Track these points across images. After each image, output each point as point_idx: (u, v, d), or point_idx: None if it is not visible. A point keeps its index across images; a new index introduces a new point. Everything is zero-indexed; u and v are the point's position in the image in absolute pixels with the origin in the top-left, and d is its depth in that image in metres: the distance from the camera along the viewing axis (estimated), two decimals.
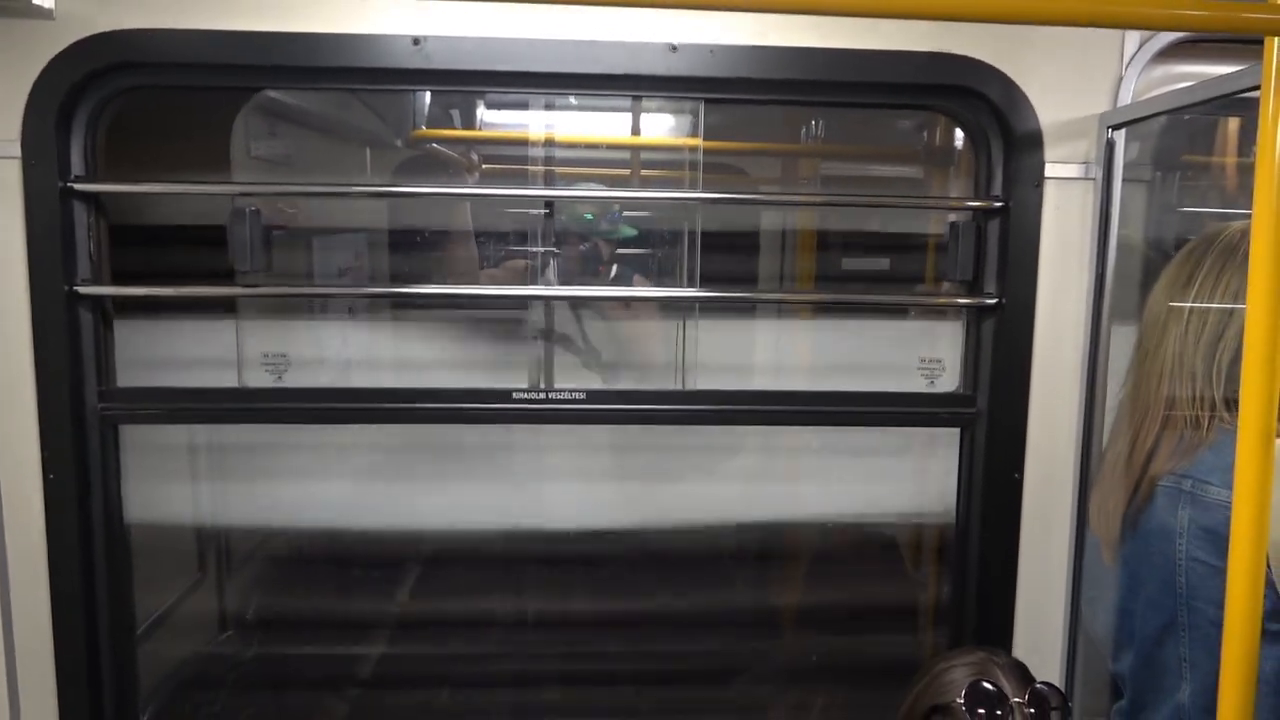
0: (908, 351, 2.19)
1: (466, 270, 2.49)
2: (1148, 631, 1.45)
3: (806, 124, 2.77)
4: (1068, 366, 1.86)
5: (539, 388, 1.92)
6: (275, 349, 2.07)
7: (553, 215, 2.20)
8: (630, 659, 2.73)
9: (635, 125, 2.49)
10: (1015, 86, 1.78)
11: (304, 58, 1.71)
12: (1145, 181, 2.08)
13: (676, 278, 2.28)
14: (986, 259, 1.90)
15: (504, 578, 2.75)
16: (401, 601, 2.73)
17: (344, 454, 2.47)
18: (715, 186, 2.56)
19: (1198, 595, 1.34)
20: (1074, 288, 1.85)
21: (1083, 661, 1.91)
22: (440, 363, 2.44)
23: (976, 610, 1.96)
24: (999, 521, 1.91)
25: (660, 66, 1.75)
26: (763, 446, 2.56)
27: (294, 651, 2.69)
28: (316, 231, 2.48)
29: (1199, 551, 1.34)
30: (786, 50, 1.75)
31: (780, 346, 2.60)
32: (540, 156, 2.35)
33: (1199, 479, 1.35)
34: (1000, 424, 1.89)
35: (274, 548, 2.75)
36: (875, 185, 2.90)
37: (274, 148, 2.44)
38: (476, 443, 2.46)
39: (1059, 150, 1.80)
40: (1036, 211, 1.82)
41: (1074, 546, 1.89)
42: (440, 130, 2.62)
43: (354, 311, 2.52)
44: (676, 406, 1.95)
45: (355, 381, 2.42)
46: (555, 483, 2.55)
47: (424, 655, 2.69)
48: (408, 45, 1.71)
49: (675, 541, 2.62)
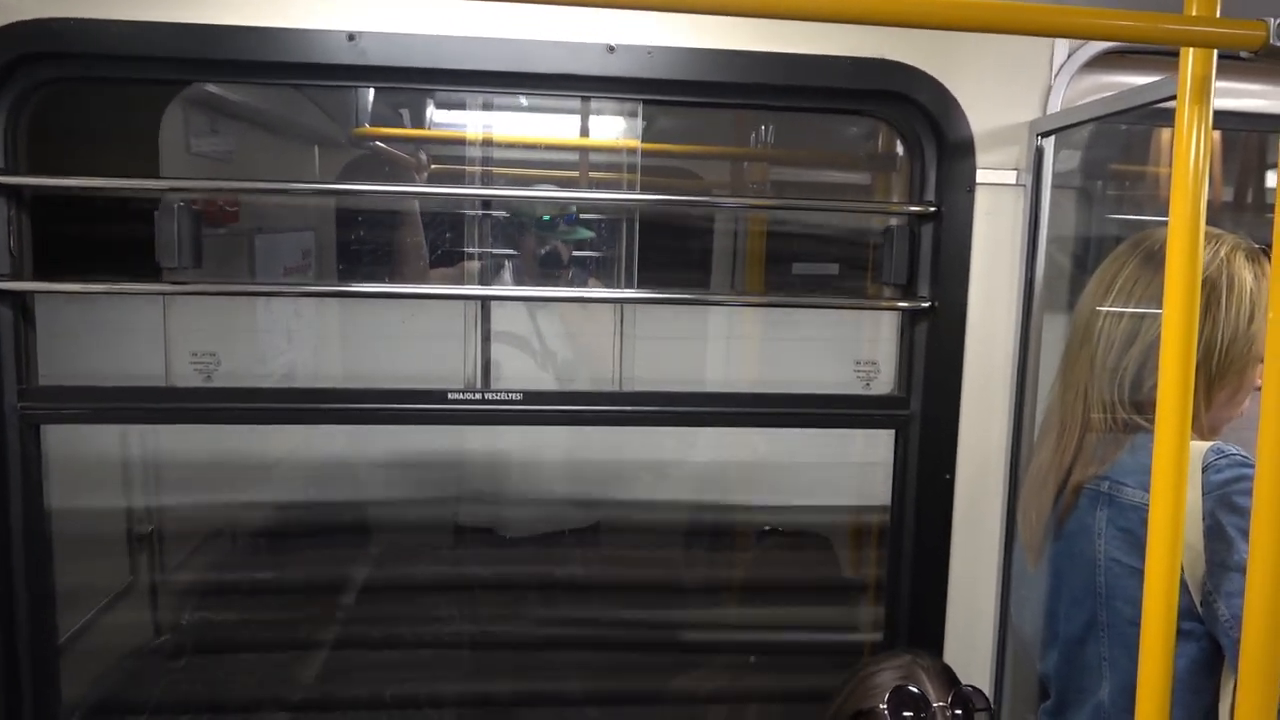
0: (845, 354, 2.21)
1: (415, 270, 2.46)
2: (1070, 632, 1.48)
3: (756, 129, 2.78)
4: (998, 369, 1.90)
5: (475, 388, 1.90)
6: (205, 348, 2.02)
7: (490, 215, 2.18)
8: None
9: (584, 126, 2.49)
10: (948, 93, 1.81)
11: (235, 51, 1.68)
12: (1076, 188, 2.13)
13: (616, 279, 2.28)
14: (920, 263, 1.92)
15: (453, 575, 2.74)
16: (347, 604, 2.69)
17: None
18: (657, 189, 2.56)
19: (1116, 595, 1.37)
20: (1004, 292, 1.88)
21: (1012, 661, 1.94)
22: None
23: (909, 610, 1.98)
24: (931, 522, 1.94)
25: (598, 67, 1.74)
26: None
27: (231, 657, 2.64)
28: (260, 230, 2.44)
29: (1117, 552, 1.37)
30: (724, 53, 1.76)
31: (720, 348, 2.61)
32: (485, 157, 2.34)
33: (1116, 480, 1.38)
34: (932, 426, 1.92)
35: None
36: (823, 190, 2.93)
37: (216, 144, 2.39)
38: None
39: (990, 156, 1.83)
40: (968, 217, 1.85)
41: (1004, 547, 1.93)
42: (382, 129, 2.59)
43: (300, 313, 2.48)
44: (614, 407, 1.95)
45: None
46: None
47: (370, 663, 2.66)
48: (342, 41, 1.68)
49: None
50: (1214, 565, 1.23)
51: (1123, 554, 1.36)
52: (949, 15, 0.88)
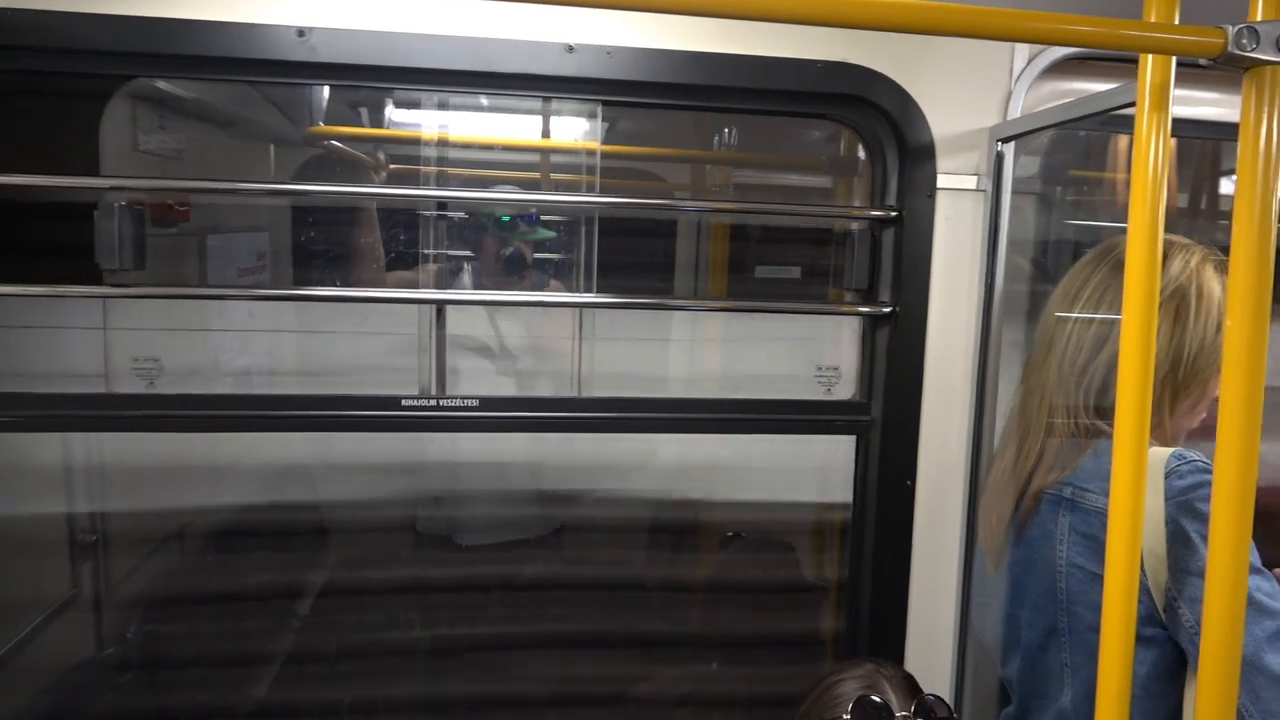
0: (808, 358, 2.20)
1: (372, 272, 2.41)
2: (1032, 637, 1.48)
3: (720, 131, 2.77)
4: (959, 375, 1.89)
5: (429, 394, 1.86)
6: (148, 352, 1.96)
7: (449, 216, 2.14)
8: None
9: (545, 127, 2.45)
10: (909, 98, 1.81)
11: (180, 46, 1.63)
12: (1036, 194, 2.13)
13: (575, 282, 2.25)
14: (881, 268, 1.92)
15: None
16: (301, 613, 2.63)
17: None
18: (619, 191, 2.53)
19: (1077, 601, 1.37)
20: (965, 297, 1.88)
21: (973, 667, 1.94)
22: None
23: (870, 616, 1.97)
24: (892, 528, 1.93)
25: (557, 67, 1.71)
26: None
27: (179, 669, 2.57)
28: (214, 230, 2.37)
29: (1078, 558, 1.36)
30: (685, 54, 1.74)
31: (681, 351, 2.59)
32: (443, 157, 2.30)
33: (1078, 486, 1.37)
34: (894, 431, 1.91)
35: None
36: (786, 193, 2.92)
37: (165, 141, 2.33)
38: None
39: (951, 162, 1.83)
40: (929, 222, 1.85)
41: (964, 553, 1.92)
42: (338, 127, 2.54)
43: (254, 315, 2.42)
44: (572, 414, 1.92)
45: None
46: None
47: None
48: (292, 36, 1.64)
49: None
50: (1176, 571, 1.23)
51: (1084, 559, 1.35)
52: (909, 19, 0.86)
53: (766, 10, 0.86)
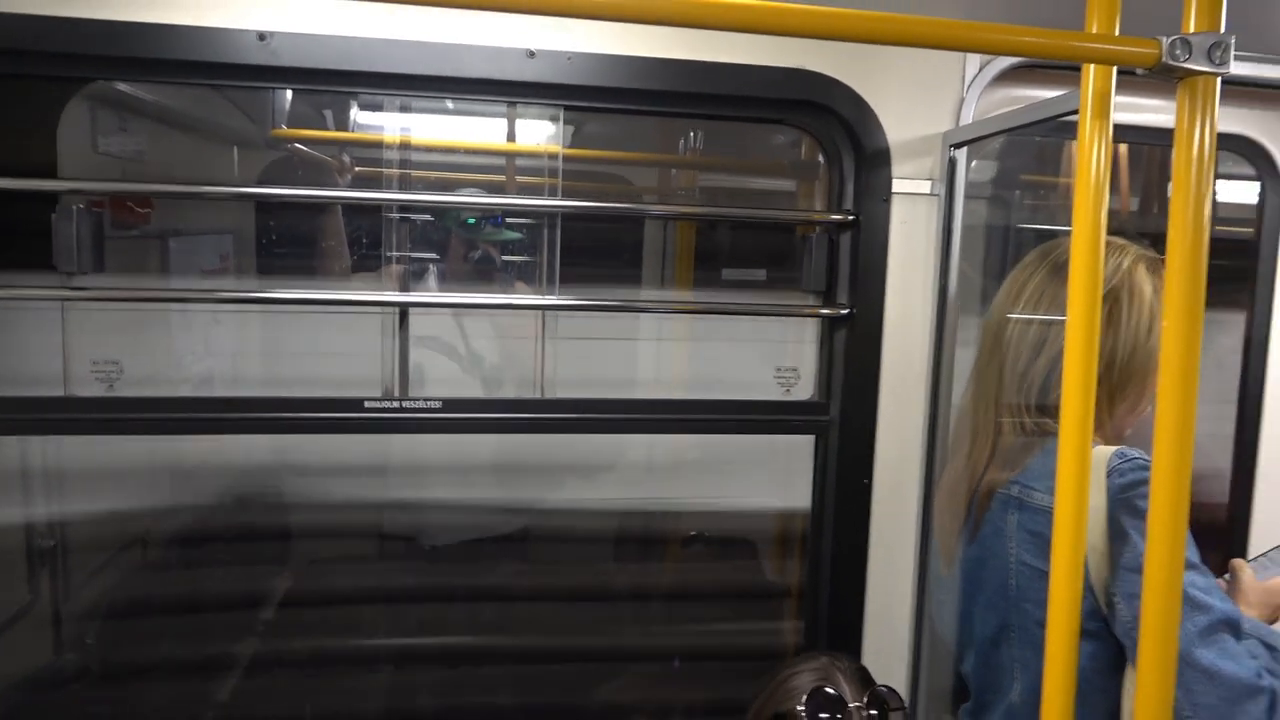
0: (768, 359, 2.23)
1: (336, 274, 2.41)
2: (985, 633, 1.51)
3: (685, 135, 2.79)
4: (914, 375, 1.93)
5: (393, 396, 1.86)
6: (108, 355, 1.95)
7: (413, 218, 2.15)
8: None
9: (509, 131, 2.46)
10: (865, 104, 1.84)
11: (140, 49, 1.62)
12: (988, 198, 2.18)
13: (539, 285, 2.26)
14: (839, 270, 1.95)
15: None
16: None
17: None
18: (583, 194, 2.54)
19: (1026, 597, 1.40)
20: (920, 299, 1.91)
21: (929, 661, 1.97)
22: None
23: (828, 612, 2.00)
24: (849, 526, 1.96)
25: (519, 72, 1.73)
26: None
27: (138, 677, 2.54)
28: (176, 232, 2.35)
29: (1026, 555, 1.39)
30: (645, 60, 1.76)
31: (644, 354, 2.61)
32: (407, 160, 2.29)
33: (1026, 485, 1.40)
34: (851, 431, 1.94)
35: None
36: (749, 197, 2.95)
37: (125, 143, 2.31)
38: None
39: (906, 166, 1.87)
40: (885, 225, 1.88)
41: (919, 551, 1.96)
42: (302, 130, 2.52)
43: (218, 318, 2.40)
44: (535, 415, 1.93)
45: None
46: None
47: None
48: (253, 40, 1.64)
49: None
50: (1117, 568, 1.27)
51: (1032, 557, 1.38)
52: (863, 29, 0.89)
53: (725, 20, 0.88)
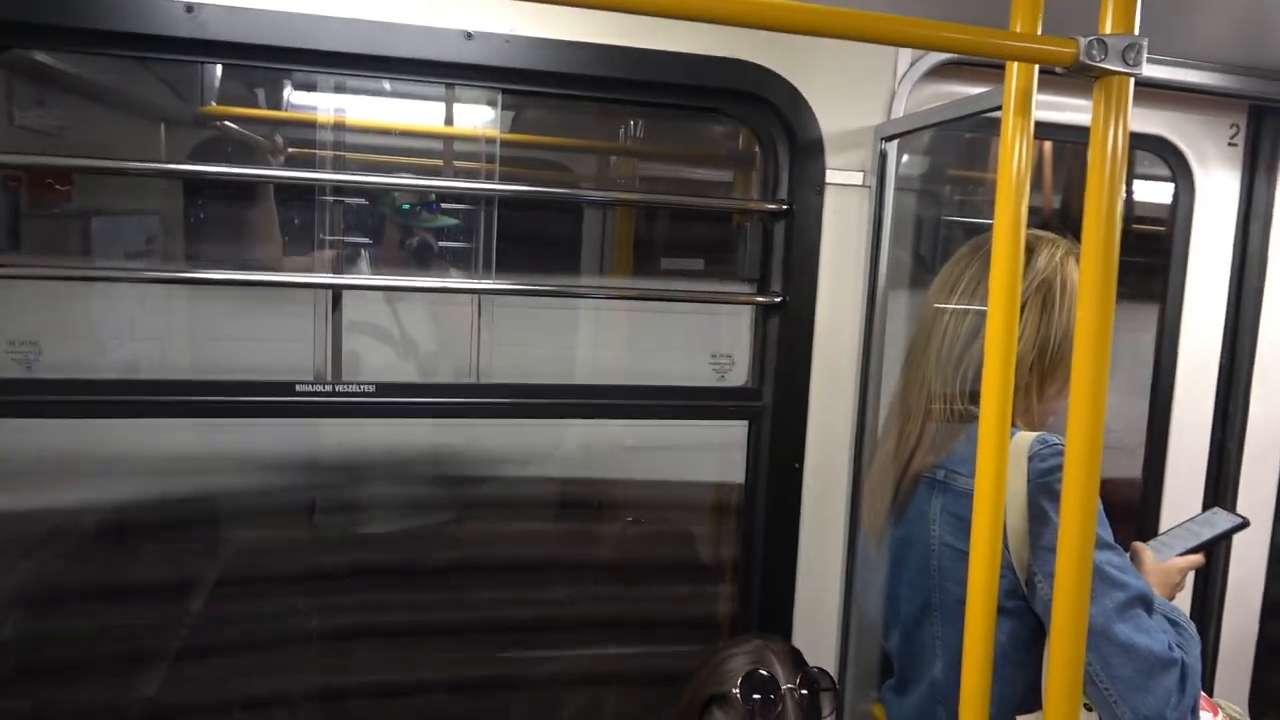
0: (704, 346, 2.25)
1: (268, 256, 2.36)
2: (909, 612, 1.56)
3: (625, 124, 2.79)
4: (845, 362, 1.97)
5: (325, 380, 1.84)
6: (26, 336, 1.89)
7: (347, 201, 2.12)
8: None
9: (448, 114, 2.43)
10: (800, 96, 1.87)
11: (59, 16, 1.57)
12: (917, 190, 2.23)
13: (475, 270, 2.25)
14: (773, 259, 1.98)
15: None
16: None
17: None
18: (521, 179, 2.53)
19: (948, 577, 1.45)
20: (851, 288, 1.95)
21: (856, 642, 2.02)
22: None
23: (760, 593, 2.04)
24: (781, 510, 2.00)
25: (455, 53, 1.71)
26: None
27: (59, 672, 2.47)
28: (99, 212, 2.28)
29: (949, 536, 1.44)
30: (583, 45, 1.76)
31: (581, 340, 2.62)
32: (340, 140, 2.26)
33: (951, 469, 1.45)
34: (783, 417, 1.98)
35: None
36: (688, 186, 2.96)
37: (44, 117, 2.22)
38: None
39: (838, 158, 1.90)
40: (818, 215, 1.91)
41: (848, 532, 2.01)
42: (231, 108, 2.46)
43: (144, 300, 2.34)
44: (468, 399, 1.93)
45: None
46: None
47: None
48: (180, 12, 1.59)
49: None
50: (1037, 548, 1.32)
51: (954, 538, 1.43)
52: (794, 20, 0.91)
53: (662, 6, 0.89)
